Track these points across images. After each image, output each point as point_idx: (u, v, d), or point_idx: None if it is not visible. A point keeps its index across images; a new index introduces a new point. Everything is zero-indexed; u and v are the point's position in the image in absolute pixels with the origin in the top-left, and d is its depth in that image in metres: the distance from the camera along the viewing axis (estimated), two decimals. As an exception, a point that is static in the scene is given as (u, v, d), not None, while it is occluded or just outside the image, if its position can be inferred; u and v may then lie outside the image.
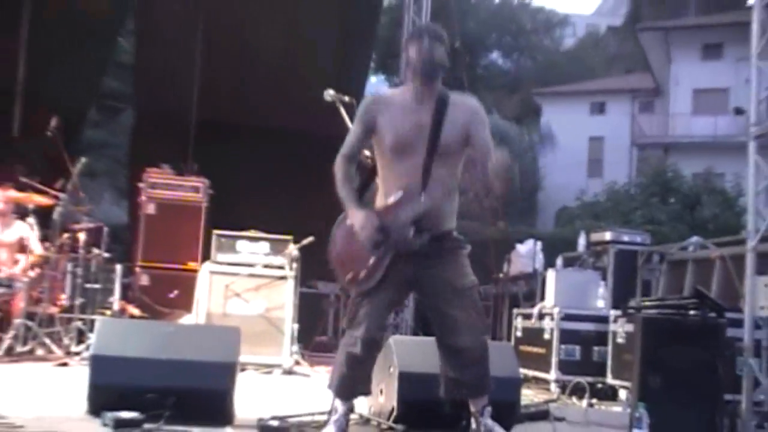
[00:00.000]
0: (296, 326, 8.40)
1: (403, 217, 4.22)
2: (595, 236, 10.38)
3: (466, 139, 4.30)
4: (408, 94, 4.41)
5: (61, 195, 8.20)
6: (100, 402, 4.49)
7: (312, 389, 6.94)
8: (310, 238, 8.40)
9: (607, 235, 10.12)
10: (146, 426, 4.24)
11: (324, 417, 4.65)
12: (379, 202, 4.39)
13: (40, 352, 7.58)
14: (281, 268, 8.39)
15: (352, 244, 4.33)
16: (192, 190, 9.95)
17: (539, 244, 12.04)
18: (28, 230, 8.26)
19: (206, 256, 8.74)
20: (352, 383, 4.44)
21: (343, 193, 4.38)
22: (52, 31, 11.04)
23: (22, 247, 8.16)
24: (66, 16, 11.05)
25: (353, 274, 4.31)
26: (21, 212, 8.28)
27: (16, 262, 8.07)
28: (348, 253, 4.36)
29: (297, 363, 8.29)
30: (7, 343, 7.39)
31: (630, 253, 9.83)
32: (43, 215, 8.33)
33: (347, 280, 4.35)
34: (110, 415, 4.25)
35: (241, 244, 8.50)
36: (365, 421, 5.09)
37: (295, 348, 8.36)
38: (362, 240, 4.25)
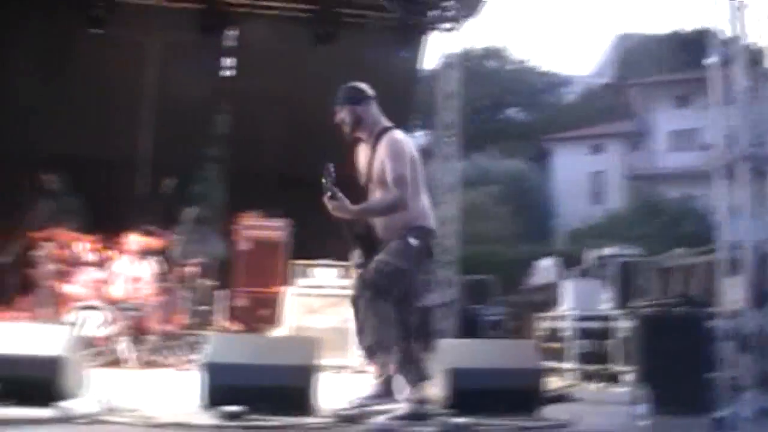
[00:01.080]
0: (362, 334, 8.40)
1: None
2: (600, 252, 10.29)
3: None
4: None
5: (178, 238, 8.39)
6: (213, 398, 4.57)
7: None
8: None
9: (609, 251, 10.05)
10: (249, 417, 4.30)
11: (388, 406, 4.66)
12: None
13: (166, 360, 7.74)
14: (348, 288, 8.42)
15: None
16: (276, 229, 10.05)
17: (555, 260, 11.93)
18: (152, 267, 8.44)
19: (289, 281, 8.84)
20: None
21: None
22: (169, 113, 11.39)
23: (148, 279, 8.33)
24: (179, 103, 11.36)
25: None
26: (148, 252, 8.46)
27: (144, 291, 8.24)
28: None
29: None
30: (141, 353, 7.57)
31: (628, 264, 9.73)
32: (164, 254, 8.53)
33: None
34: (221, 409, 4.33)
35: (316, 271, 8.57)
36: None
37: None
38: None
